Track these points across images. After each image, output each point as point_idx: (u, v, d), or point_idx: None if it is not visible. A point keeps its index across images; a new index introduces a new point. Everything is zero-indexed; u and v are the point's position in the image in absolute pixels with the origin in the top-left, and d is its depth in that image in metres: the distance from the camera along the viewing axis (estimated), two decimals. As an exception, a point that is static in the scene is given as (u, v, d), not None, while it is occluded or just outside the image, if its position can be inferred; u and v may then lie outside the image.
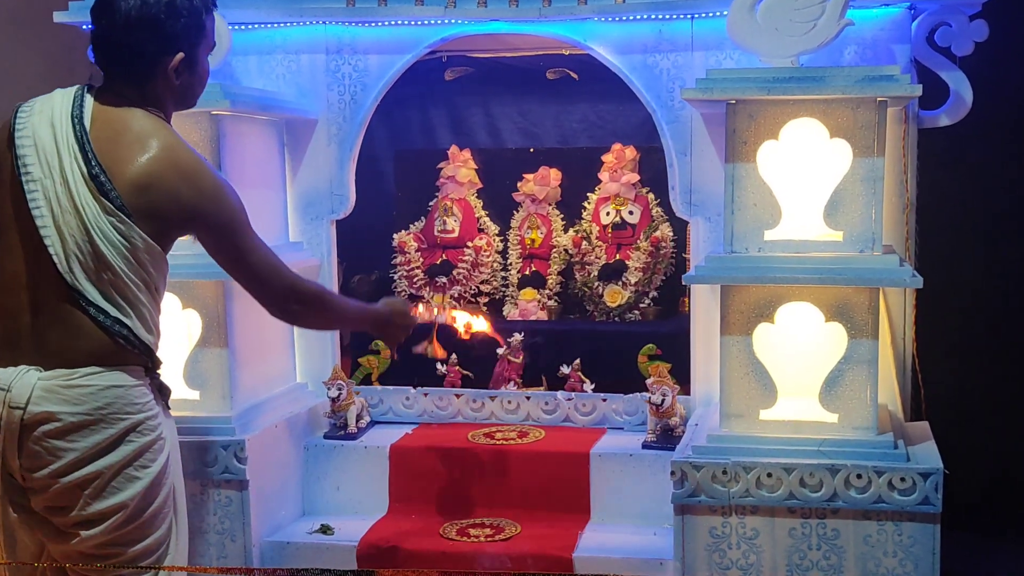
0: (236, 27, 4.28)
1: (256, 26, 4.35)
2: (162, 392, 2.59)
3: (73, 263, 2.38)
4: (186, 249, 3.80)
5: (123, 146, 2.41)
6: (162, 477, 2.51)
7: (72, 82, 2.56)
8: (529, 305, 4.79)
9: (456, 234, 4.92)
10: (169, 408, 2.62)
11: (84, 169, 2.37)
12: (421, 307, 3.32)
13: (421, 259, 4.93)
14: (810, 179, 3.53)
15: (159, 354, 2.57)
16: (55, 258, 2.38)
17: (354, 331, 3.06)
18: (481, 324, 3.62)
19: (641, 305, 4.66)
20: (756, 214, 3.48)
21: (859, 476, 3.38)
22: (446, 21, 4.20)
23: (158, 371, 2.57)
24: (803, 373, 3.59)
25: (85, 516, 2.42)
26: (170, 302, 3.82)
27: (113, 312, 2.41)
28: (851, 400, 3.47)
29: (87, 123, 2.43)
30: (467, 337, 3.59)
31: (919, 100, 3.85)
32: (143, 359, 2.49)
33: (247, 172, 4.06)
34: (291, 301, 2.70)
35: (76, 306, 2.40)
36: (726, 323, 3.53)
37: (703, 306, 4.10)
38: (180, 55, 2.51)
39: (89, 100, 2.48)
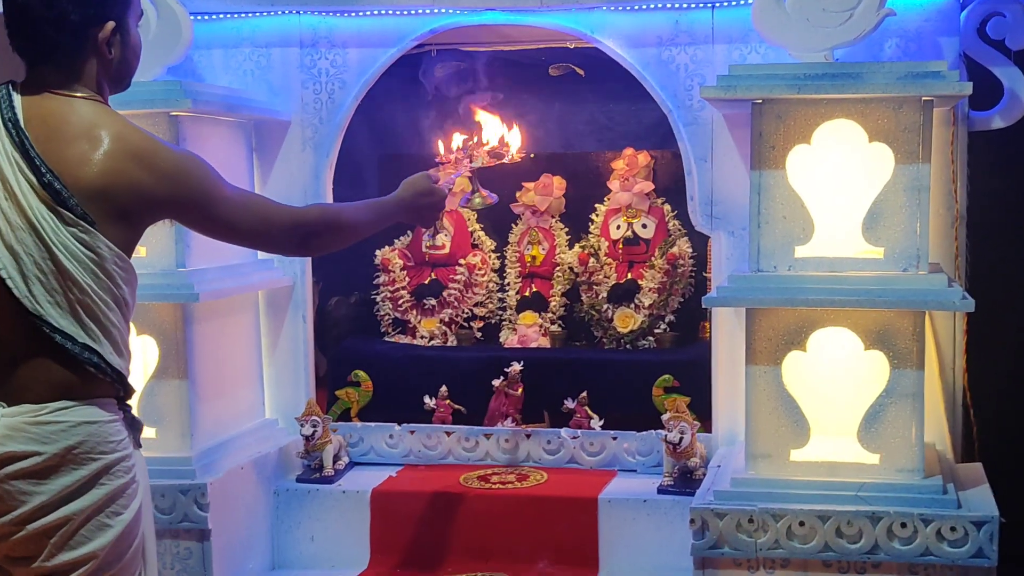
0: (198, 17, 4.29)
1: (221, 16, 4.35)
2: (133, 427, 2.57)
3: (34, 286, 2.36)
4: (140, 267, 3.81)
5: (68, 143, 2.39)
6: (135, 525, 2.49)
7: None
8: (529, 331, 4.77)
9: (447, 250, 4.92)
10: (141, 445, 2.61)
11: (33, 179, 2.35)
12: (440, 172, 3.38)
13: (407, 279, 4.92)
14: (846, 188, 3.53)
15: (131, 379, 2.55)
16: (9, 282, 2.36)
17: (382, 228, 3.15)
18: (515, 139, 3.69)
19: (656, 331, 4.64)
20: (786, 228, 3.47)
21: (903, 525, 3.36)
22: (435, 10, 4.21)
23: (129, 402, 2.55)
24: (839, 408, 3.58)
25: (50, 567, 2.40)
26: (122, 327, 3.81)
27: (81, 337, 2.39)
28: (894, 439, 3.46)
29: (23, 125, 2.41)
30: (512, 159, 3.67)
31: (969, 99, 3.84)
32: (115, 388, 2.48)
33: (210, 180, 4.05)
34: (303, 238, 2.72)
35: (39, 335, 2.38)
36: (752, 351, 3.52)
37: (726, 332, 4.10)
38: (111, 24, 2.49)
39: (17, 98, 2.46)
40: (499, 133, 3.73)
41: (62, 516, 2.39)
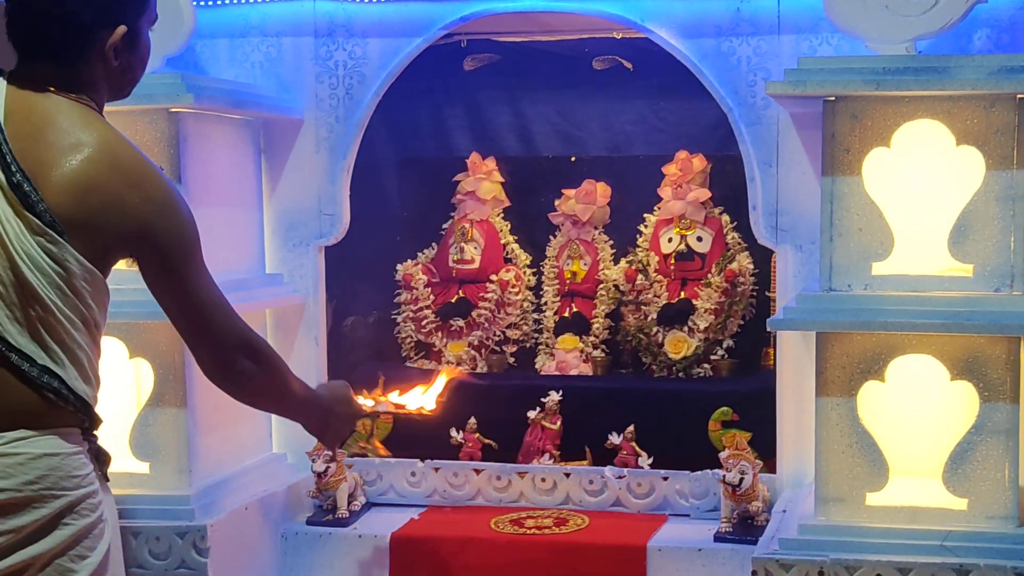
0: (202, 3, 4.32)
1: (227, 2, 4.39)
2: (100, 460, 2.58)
3: None
4: (134, 283, 3.82)
5: (48, 145, 2.41)
6: (102, 571, 2.50)
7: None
8: (569, 356, 4.77)
9: (476, 265, 4.93)
10: (108, 480, 2.61)
11: (2, 178, 2.37)
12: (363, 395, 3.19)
13: (431, 296, 4.93)
14: (931, 197, 3.52)
15: (98, 409, 2.56)
16: None
17: (290, 418, 2.95)
18: (430, 401, 3.46)
19: (712, 357, 4.64)
20: (862, 242, 3.47)
21: (995, 580, 3.35)
22: (466, -4, 4.24)
23: (96, 432, 2.56)
24: (921, 446, 3.56)
25: None
26: (114, 349, 3.83)
27: (41, 359, 2.40)
28: (984, 481, 3.44)
29: (1, 118, 2.43)
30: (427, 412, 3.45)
31: (1070, 97, 3.83)
32: (79, 417, 2.49)
33: (214, 185, 4.07)
34: (241, 356, 2.63)
35: None
36: (823, 381, 3.50)
37: (792, 359, 4.08)
38: (122, 28, 2.51)
39: (2, 88, 2.48)
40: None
41: (20, 561, 2.40)
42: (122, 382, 3.94)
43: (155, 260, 2.54)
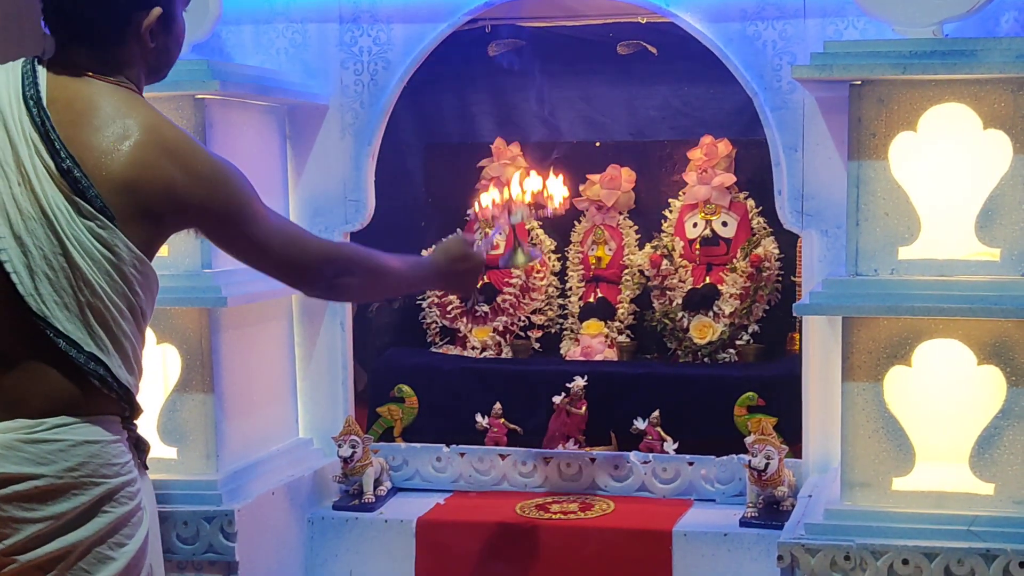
0: (227, -10, 4.33)
1: (252, -12, 4.39)
2: (139, 448, 2.60)
3: (41, 283, 2.39)
4: (161, 268, 3.84)
5: (93, 130, 2.43)
6: (141, 557, 2.52)
7: (21, 56, 2.57)
8: (594, 341, 4.77)
9: (502, 251, 4.91)
10: (147, 468, 2.63)
11: (51, 163, 2.39)
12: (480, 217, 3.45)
13: (457, 282, 4.93)
14: (957, 182, 3.50)
15: (139, 398, 2.57)
16: (14, 277, 2.39)
17: (416, 291, 3.17)
18: (557, 188, 3.70)
19: (738, 342, 4.63)
20: (888, 226, 3.45)
21: (1023, 564, 3.32)
22: (491, -19, 4.24)
23: (136, 422, 2.58)
24: (948, 431, 3.55)
25: None
26: (142, 335, 3.85)
27: (88, 346, 2.41)
28: (1011, 466, 3.42)
29: (45, 104, 2.45)
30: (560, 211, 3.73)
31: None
32: (120, 406, 2.50)
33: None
34: (336, 275, 2.78)
35: (42, 338, 2.41)
36: (849, 366, 3.50)
37: (818, 344, 4.08)
38: (157, 10, 2.54)
39: (43, 75, 2.49)
40: (538, 184, 3.73)
41: (59, 548, 2.41)
42: (149, 368, 3.95)
43: (217, 231, 2.64)
